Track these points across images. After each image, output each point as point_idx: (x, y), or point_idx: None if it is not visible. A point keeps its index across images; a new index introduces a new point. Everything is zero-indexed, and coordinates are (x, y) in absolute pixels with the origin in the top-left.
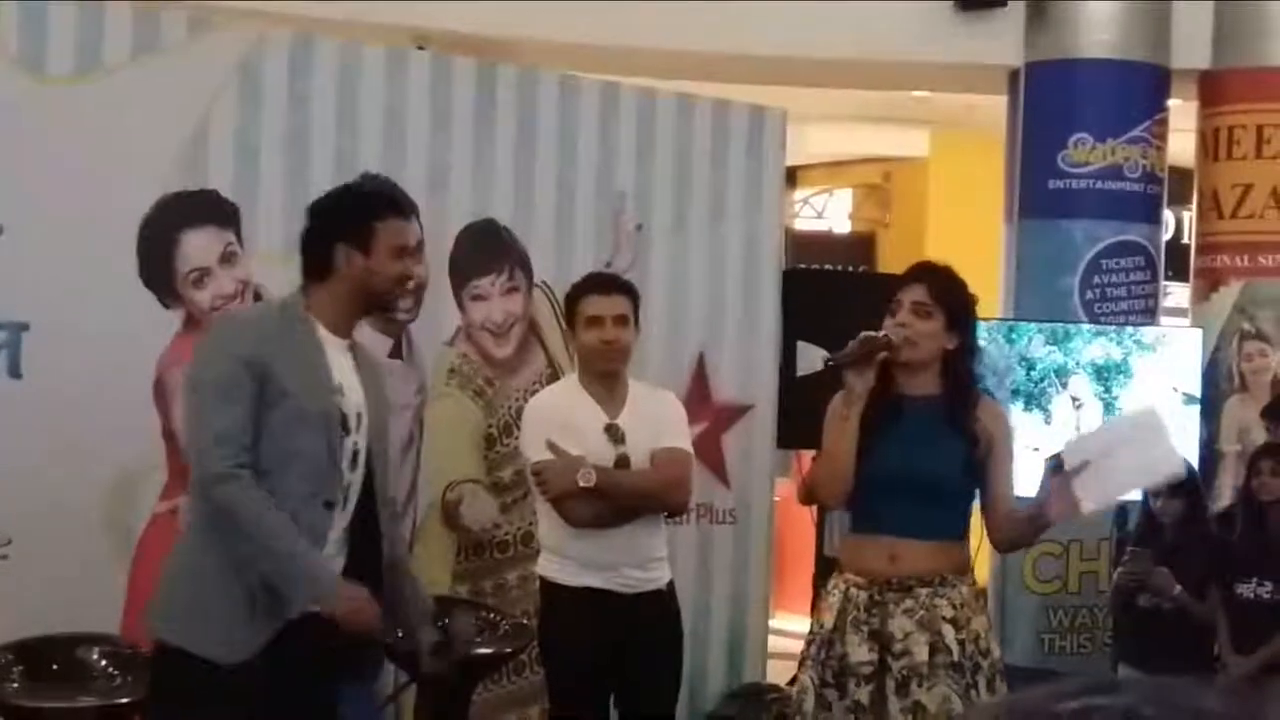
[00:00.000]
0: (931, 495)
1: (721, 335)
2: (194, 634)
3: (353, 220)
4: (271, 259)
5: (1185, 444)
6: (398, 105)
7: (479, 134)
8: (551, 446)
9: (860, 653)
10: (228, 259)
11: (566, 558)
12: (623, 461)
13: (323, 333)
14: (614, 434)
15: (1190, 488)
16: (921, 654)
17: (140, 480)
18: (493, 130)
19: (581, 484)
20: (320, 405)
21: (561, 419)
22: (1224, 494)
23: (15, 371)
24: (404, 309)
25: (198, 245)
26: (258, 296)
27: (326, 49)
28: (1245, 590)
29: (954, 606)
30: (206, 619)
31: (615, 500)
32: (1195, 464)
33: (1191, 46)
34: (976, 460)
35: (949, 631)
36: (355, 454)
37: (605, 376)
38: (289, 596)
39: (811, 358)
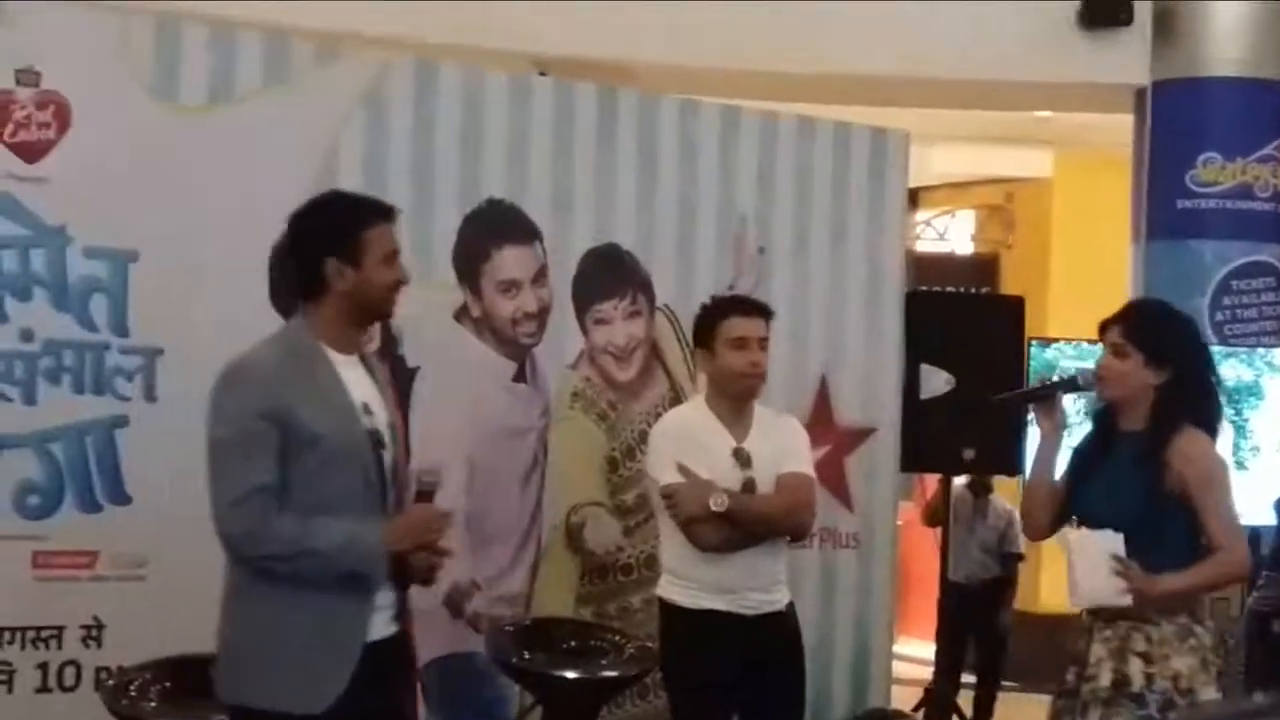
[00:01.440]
0: (1122, 529)
1: (844, 358)
2: (264, 690)
3: (340, 233)
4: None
5: None
6: (520, 131)
7: (601, 158)
8: (682, 470)
9: (1065, 673)
10: None
11: (690, 580)
12: (749, 486)
13: (332, 355)
14: (741, 458)
15: None
16: (1105, 680)
17: None
18: (614, 155)
19: (714, 508)
20: (352, 440)
21: (691, 441)
22: None
23: (151, 395)
24: (527, 334)
25: None
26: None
27: (450, 76)
28: None
29: (1148, 641)
30: (272, 673)
31: (742, 525)
32: None
33: None
34: (1167, 495)
35: (1136, 664)
36: (394, 468)
37: (738, 399)
38: (368, 575)
39: (934, 380)
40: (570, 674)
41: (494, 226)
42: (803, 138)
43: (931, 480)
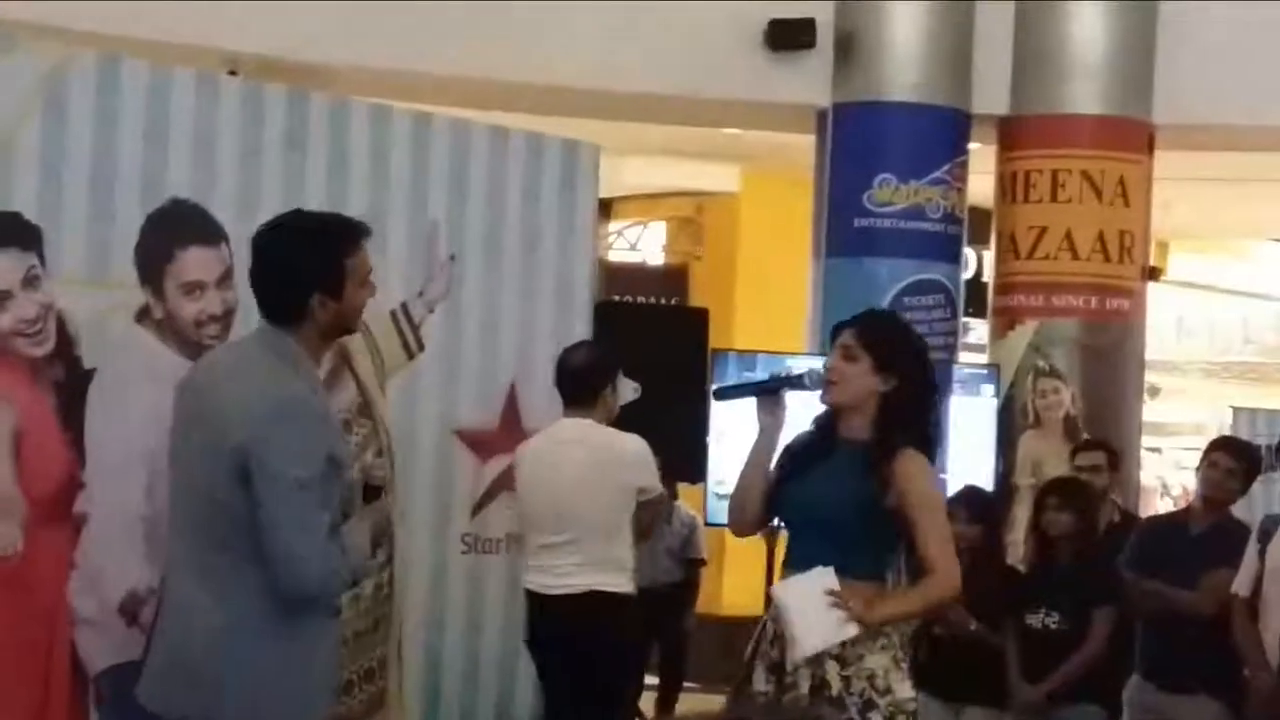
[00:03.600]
0: (828, 533)
1: (534, 366)
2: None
3: (328, 269)
4: (75, 282)
5: (983, 477)
6: (208, 130)
7: (290, 161)
8: None
9: (759, 682)
10: (30, 282)
11: None
12: None
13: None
14: None
15: (987, 519)
16: (804, 687)
17: None
18: (304, 157)
19: None
20: (348, 460)
21: None
22: (1019, 526)
23: None
24: (211, 336)
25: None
26: (60, 321)
27: (135, 71)
28: (1034, 620)
29: (843, 644)
30: (300, 699)
31: None
32: (992, 495)
33: (991, 92)
34: (883, 510)
35: (833, 668)
36: None
37: None
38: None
39: (622, 389)
40: None
41: (178, 227)
42: (495, 146)
43: None
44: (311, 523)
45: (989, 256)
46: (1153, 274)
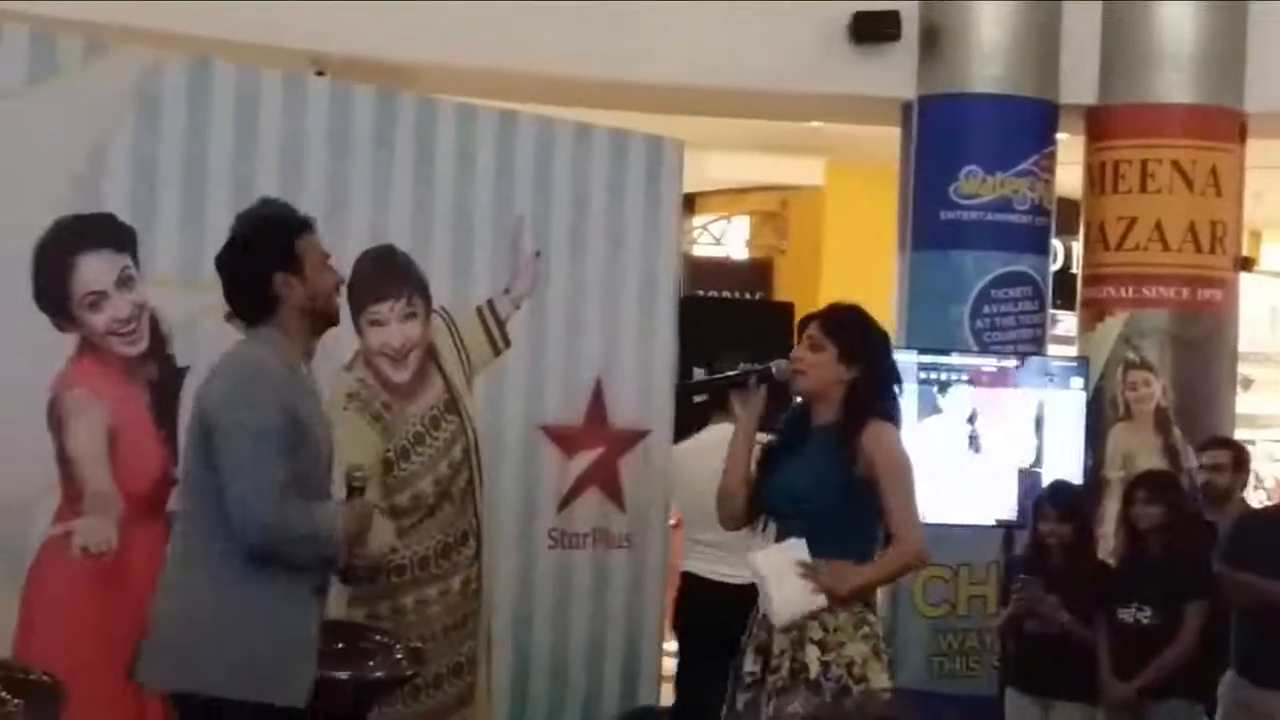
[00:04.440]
0: (811, 518)
1: (619, 361)
2: (243, 680)
3: (279, 246)
4: (168, 283)
5: (1072, 470)
6: (296, 131)
7: (377, 160)
8: None
9: (747, 663)
10: (124, 283)
11: None
12: None
13: (302, 367)
14: None
15: (1077, 514)
16: (785, 670)
17: (34, 504)
18: (391, 156)
19: None
20: (325, 441)
21: None
22: (1109, 520)
23: None
24: None
25: (94, 269)
26: (154, 320)
27: (224, 74)
28: (1125, 615)
29: (825, 630)
30: (252, 663)
31: None
32: (1081, 490)
33: (1079, 82)
34: (858, 481)
35: (813, 652)
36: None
37: None
38: (334, 561)
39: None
40: (339, 675)
41: None
42: (580, 143)
43: None
44: (262, 470)
45: (1077, 248)
46: (1245, 264)
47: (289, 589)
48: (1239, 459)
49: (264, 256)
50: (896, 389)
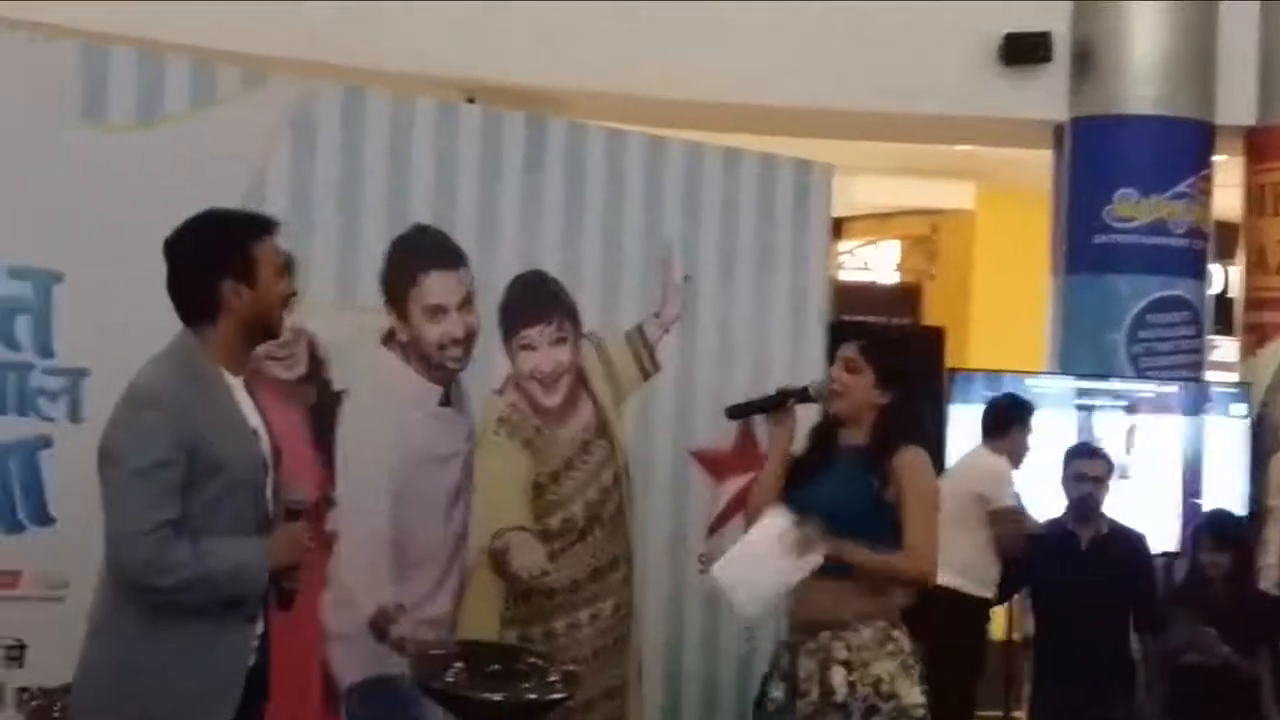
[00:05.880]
0: (846, 535)
1: (768, 386)
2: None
3: (232, 252)
4: (324, 307)
5: (1234, 499)
6: (448, 157)
7: (528, 186)
8: None
9: (772, 690)
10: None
11: None
12: None
13: (228, 378)
14: None
15: (1238, 543)
16: (814, 695)
17: None
18: (541, 182)
19: None
20: (251, 467)
21: None
22: (1271, 549)
23: (76, 416)
24: (454, 359)
25: None
26: (311, 344)
27: (378, 101)
28: None
29: (849, 649)
30: (159, 703)
31: None
32: (1243, 519)
33: (1238, 103)
34: (887, 504)
35: (839, 673)
36: (275, 492)
37: None
38: (250, 598)
39: None
40: (494, 697)
41: (421, 252)
42: (728, 168)
43: None
44: (133, 507)
45: (1235, 272)
46: None
47: (219, 619)
48: None
49: (214, 260)
50: (925, 420)
